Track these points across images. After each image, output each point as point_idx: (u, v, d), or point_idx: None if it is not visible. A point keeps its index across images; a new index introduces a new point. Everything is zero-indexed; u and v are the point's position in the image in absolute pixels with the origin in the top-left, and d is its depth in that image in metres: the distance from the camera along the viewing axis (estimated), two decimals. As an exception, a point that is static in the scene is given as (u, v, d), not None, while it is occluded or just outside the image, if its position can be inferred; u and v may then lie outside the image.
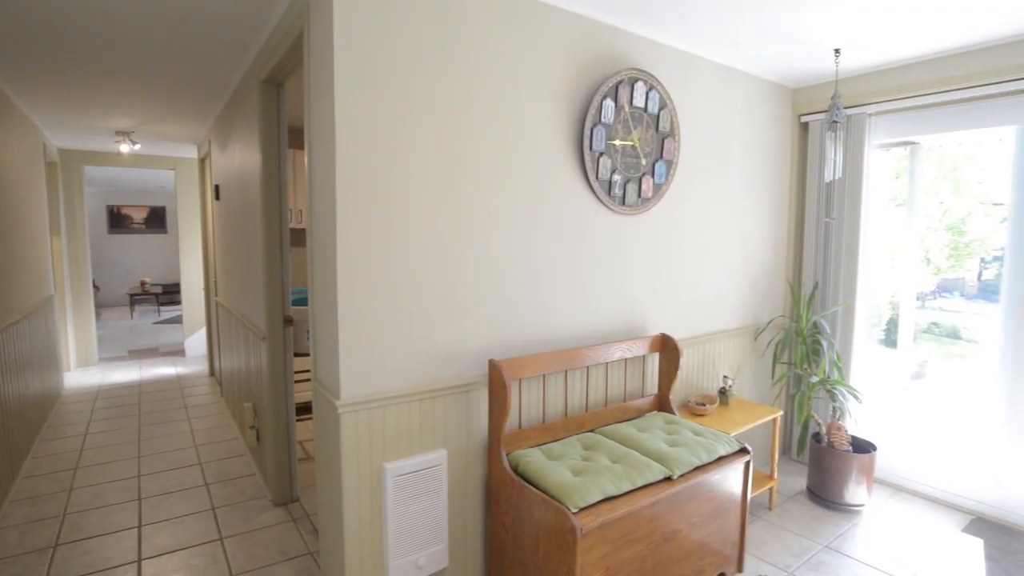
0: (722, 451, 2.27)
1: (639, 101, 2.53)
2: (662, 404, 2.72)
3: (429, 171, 1.97)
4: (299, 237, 5.20)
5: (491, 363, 2.07)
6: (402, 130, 1.90)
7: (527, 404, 2.33)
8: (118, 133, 5.20)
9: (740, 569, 2.40)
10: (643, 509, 1.94)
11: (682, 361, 2.82)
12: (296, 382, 3.68)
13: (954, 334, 3.40)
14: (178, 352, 7.17)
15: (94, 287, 6.94)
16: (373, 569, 1.96)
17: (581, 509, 1.82)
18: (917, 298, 3.37)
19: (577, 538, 1.74)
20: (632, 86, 2.49)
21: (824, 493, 3.09)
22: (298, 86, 3.24)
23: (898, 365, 3.40)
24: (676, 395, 2.99)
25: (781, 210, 3.58)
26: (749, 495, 2.37)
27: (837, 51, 2.84)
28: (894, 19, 2.44)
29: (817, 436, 3.24)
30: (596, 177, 2.43)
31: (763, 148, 3.38)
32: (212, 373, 6.00)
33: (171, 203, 10.76)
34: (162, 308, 10.63)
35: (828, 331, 3.34)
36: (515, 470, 2.08)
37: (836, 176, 2.95)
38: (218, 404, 5.01)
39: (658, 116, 2.63)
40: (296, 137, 5.00)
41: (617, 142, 2.48)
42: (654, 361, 2.82)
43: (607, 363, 2.59)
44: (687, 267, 2.97)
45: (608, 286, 2.58)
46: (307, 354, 4.31)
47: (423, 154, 1.95)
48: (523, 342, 2.30)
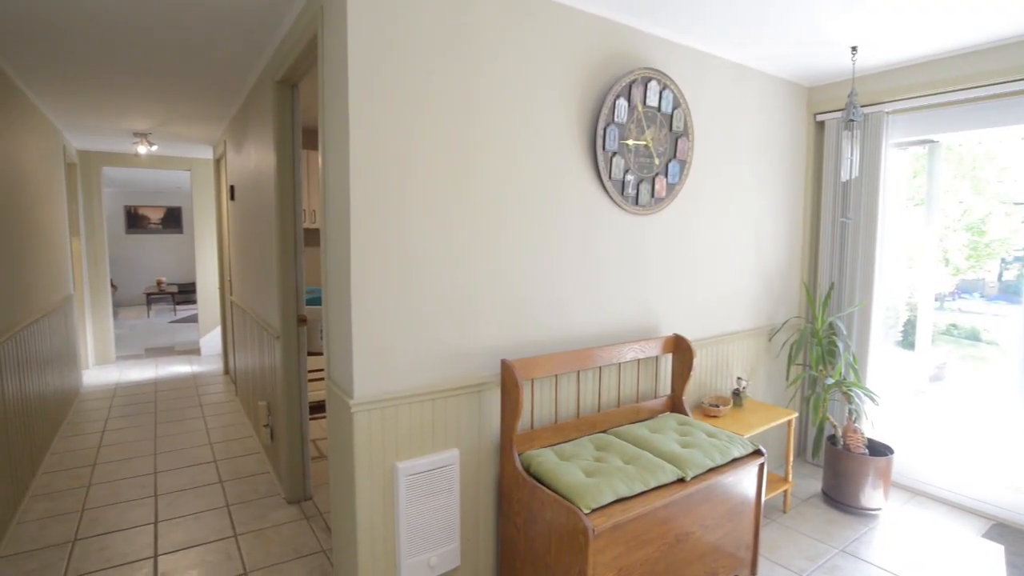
0: (736, 453, 2.25)
1: (652, 100, 2.52)
2: (675, 405, 2.70)
3: (442, 171, 1.98)
4: (312, 237, 5.24)
5: (503, 363, 2.07)
6: (415, 131, 1.91)
7: (539, 404, 2.32)
8: (136, 135, 5.28)
9: (754, 572, 2.37)
10: (656, 510, 1.93)
11: (695, 362, 2.80)
12: (310, 381, 3.70)
13: (974, 336, 3.34)
14: (193, 351, 7.26)
15: (112, 286, 7.04)
16: (386, 567, 1.97)
17: (593, 510, 1.82)
18: (935, 299, 3.32)
19: (589, 539, 1.73)
20: (646, 85, 2.48)
21: (840, 496, 3.06)
22: (312, 87, 3.27)
23: (916, 367, 3.35)
24: (689, 396, 2.97)
25: (796, 210, 3.55)
26: (763, 498, 2.34)
27: (854, 49, 2.80)
28: (913, 16, 2.41)
29: (833, 438, 3.20)
30: (609, 177, 2.42)
31: (778, 147, 3.34)
32: (227, 372, 6.07)
33: (187, 203, 10.91)
34: (178, 307, 10.77)
35: (844, 332, 3.29)
36: (527, 470, 2.08)
37: (852, 175, 2.91)
38: (233, 402, 5.06)
39: (671, 115, 2.61)
40: (310, 138, 5.04)
41: (630, 142, 2.47)
42: (667, 362, 2.81)
43: (620, 363, 2.58)
44: (700, 267, 2.94)
45: (621, 286, 2.57)
46: (320, 353, 4.34)
47: (436, 154, 1.96)
48: (535, 342, 2.29)
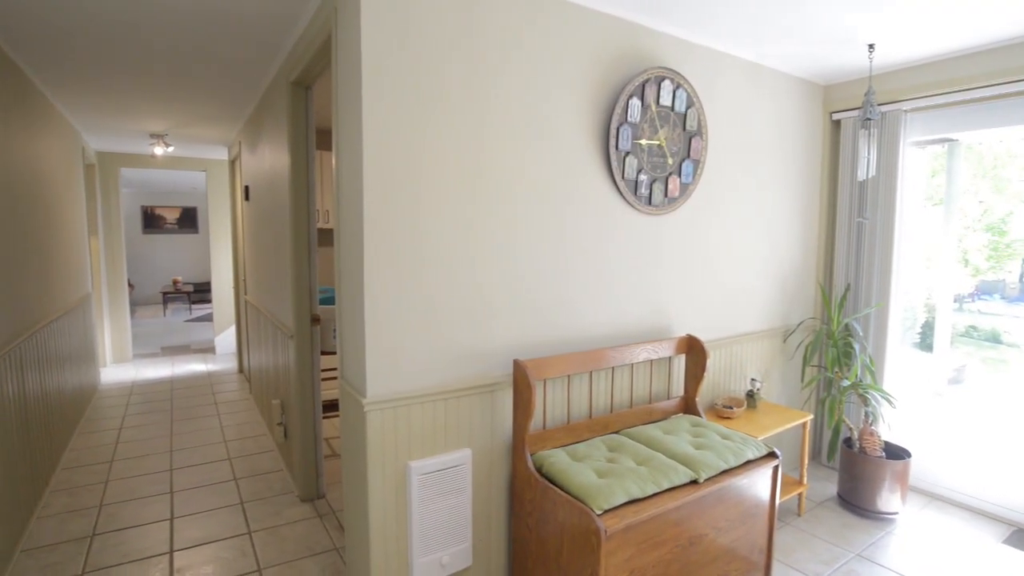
0: (750, 455, 2.23)
1: (666, 100, 2.50)
2: (688, 406, 2.68)
3: (454, 171, 1.98)
4: (326, 237, 5.27)
5: (516, 363, 2.07)
6: (428, 131, 1.91)
7: (552, 404, 2.32)
8: (152, 136, 5.35)
9: (768, 576, 2.35)
10: (668, 512, 1.92)
11: (709, 363, 2.78)
12: (323, 380, 3.73)
13: (994, 338, 3.28)
14: (209, 349, 7.34)
15: (129, 286, 7.14)
16: (398, 566, 1.98)
17: (606, 511, 1.81)
18: (954, 300, 3.26)
19: (602, 540, 1.73)
20: (659, 85, 2.46)
21: (856, 500, 3.02)
22: (326, 88, 3.29)
23: (934, 369, 3.30)
24: (702, 397, 2.95)
25: (812, 210, 3.51)
26: (777, 500, 2.32)
27: (871, 46, 2.77)
28: (933, 12, 2.37)
29: (848, 441, 3.16)
30: (622, 177, 2.41)
31: (793, 146, 3.31)
32: (241, 370, 6.14)
33: (202, 204, 11.04)
34: (193, 306, 10.90)
35: (860, 334, 3.25)
36: (539, 471, 2.08)
37: (869, 175, 2.87)
38: (247, 400, 5.11)
39: (685, 115, 2.60)
40: (323, 139, 5.08)
41: (643, 141, 2.46)
42: (680, 363, 2.79)
43: (632, 364, 2.56)
44: (714, 268, 2.92)
45: (634, 286, 2.56)
46: (334, 352, 4.37)
47: (448, 154, 1.96)
48: (548, 342, 2.29)
